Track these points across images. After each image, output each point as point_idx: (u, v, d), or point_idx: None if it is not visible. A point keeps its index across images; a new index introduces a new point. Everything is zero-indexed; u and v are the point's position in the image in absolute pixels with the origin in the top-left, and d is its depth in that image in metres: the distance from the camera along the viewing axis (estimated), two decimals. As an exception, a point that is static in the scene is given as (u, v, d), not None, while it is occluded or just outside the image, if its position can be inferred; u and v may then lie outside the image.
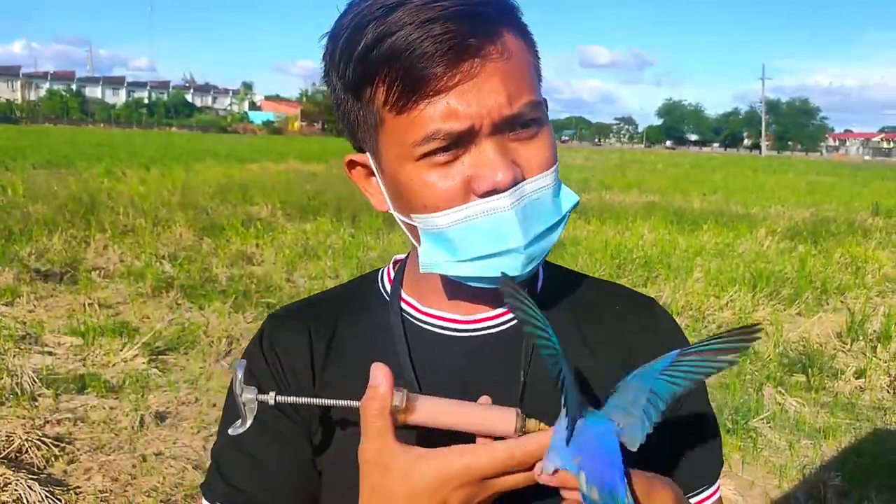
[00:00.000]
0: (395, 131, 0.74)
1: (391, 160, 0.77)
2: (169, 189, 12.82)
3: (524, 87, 0.74)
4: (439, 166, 0.74)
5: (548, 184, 0.77)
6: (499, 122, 0.73)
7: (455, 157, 0.73)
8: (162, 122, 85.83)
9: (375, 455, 0.69)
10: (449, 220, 0.75)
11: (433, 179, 0.74)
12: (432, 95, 0.71)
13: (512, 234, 0.74)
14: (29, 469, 3.31)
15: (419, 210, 0.77)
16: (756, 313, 6.37)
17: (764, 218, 12.85)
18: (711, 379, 4.73)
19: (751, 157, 72.84)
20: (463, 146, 0.73)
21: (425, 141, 0.72)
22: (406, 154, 0.74)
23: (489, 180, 0.72)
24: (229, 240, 8.56)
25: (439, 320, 0.87)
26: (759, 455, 3.89)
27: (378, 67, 0.72)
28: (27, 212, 9.60)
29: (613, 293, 0.95)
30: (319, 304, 0.94)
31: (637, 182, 20.99)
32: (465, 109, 0.71)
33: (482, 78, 0.72)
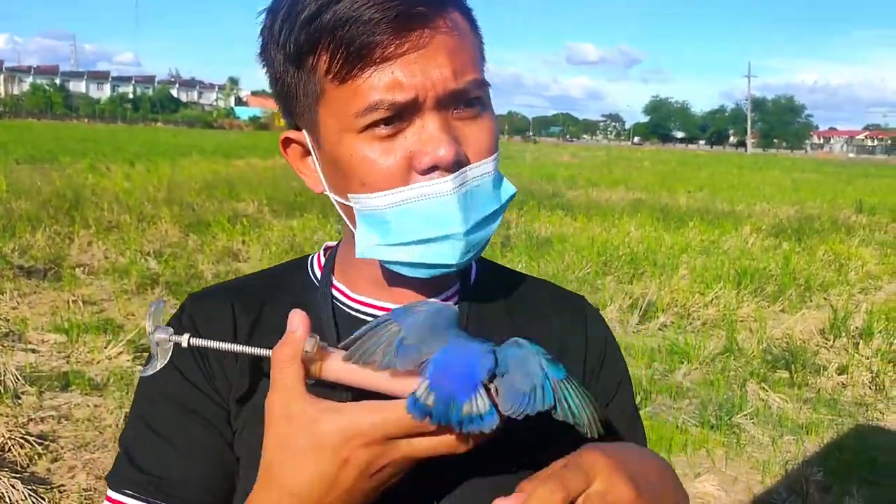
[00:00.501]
0: (336, 102, 0.72)
1: (331, 134, 0.74)
2: (154, 185, 12.73)
3: (470, 65, 0.73)
4: (381, 140, 0.71)
5: (490, 170, 0.75)
6: (443, 96, 0.71)
7: (397, 131, 0.71)
8: (147, 118, 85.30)
9: (282, 405, 0.65)
10: (387, 201, 0.73)
11: (374, 155, 0.72)
12: (378, 63, 0.69)
13: (452, 220, 0.72)
14: (12, 467, 3.28)
15: (356, 188, 0.74)
16: (740, 310, 6.42)
17: (749, 215, 12.93)
18: (696, 374, 4.75)
19: (736, 155, 73.25)
20: (406, 119, 0.71)
21: (367, 111, 0.70)
22: (347, 126, 0.72)
23: (431, 155, 0.70)
24: (215, 236, 8.52)
25: (371, 308, 0.84)
26: (742, 451, 3.92)
27: (321, 35, 0.70)
28: (10, 208, 9.51)
29: (546, 290, 0.93)
30: (245, 286, 0.89)
31: (624, 179, 21.06)
32: (410, 80, 0.69)
33: (430, 49, 0.70)
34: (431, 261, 0.74)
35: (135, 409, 0.81)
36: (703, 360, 5.12)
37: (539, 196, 14.14)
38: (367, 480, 0.64)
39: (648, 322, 6.00)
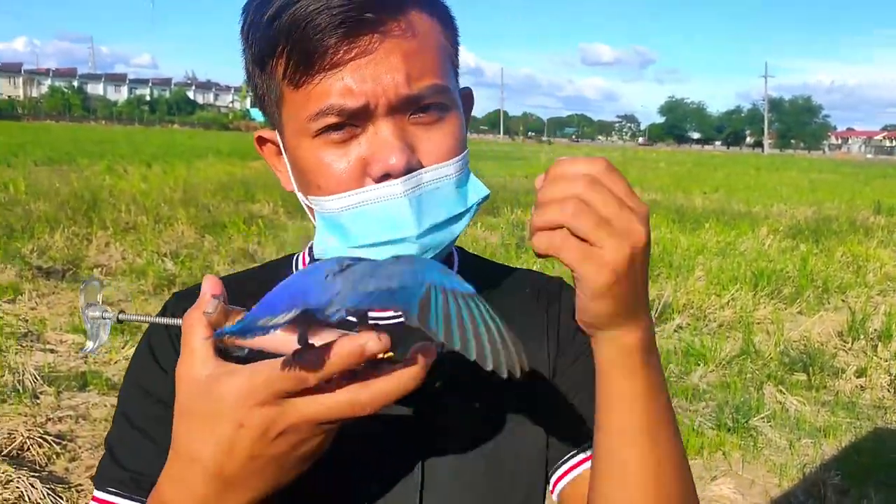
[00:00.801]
0: (293, 106, 0.73)
1: (291, 137, 0.75)
2: (171, 186, 12.82)
3: (428, 69, 0.72)
4: (335, 145, 0.72)
5: (449, 173, 0.74)
6: (395, 103, 0.70)
7: (351, 136, 0.72)
8: (164, 120, 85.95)
9: (186, 369, 0.61)
10: (340, 204, 0.73)
11: (328, 159, 0.72)
12: (327, 69, 0.69)
13: (404, 223, 0.72)
14: (30, 466, 3.32)
15: (314, 191, 0.75)
16: (757, 312, 6.37)
17: (766, 216, 12.84)
18: (712, 377, 4.71)
19: (753, 156, 72.73)
20: (360, 125, 0.71)
21: (318, 116, 0.70)
22: (302, 130, 0.73)
23: (382, 163, 0.70)
24: (231, 237, 8.56)
25: None
26: (759, 454, 3.89)
27: (279, 39, 0.70)
28: (29, 209, 9.61)
29: (526, 278, 0.92)
30: (228, 285, 0.88)
31: (639, 180, 20.98)
32: (360, 86, 0.69)
33: (380, 54, 0.69)
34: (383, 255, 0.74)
35: (118, 407, 0.81)
36: (719, 363, 5.09)
37: (554, 197, 14.07)
38: (269, 445, 0.59)
39: (664, 324, 5.97)
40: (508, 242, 9.04)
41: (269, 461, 0.60)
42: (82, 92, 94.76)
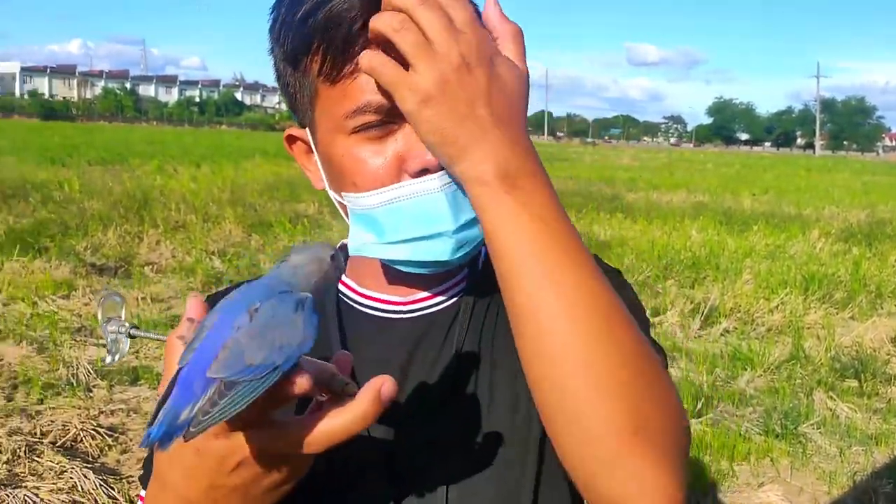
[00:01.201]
0: (328, 103, 0.73)
1: (324, 134, 0.76)
2: (219, 186, 13.05)
3: None
4: (371, 142, 0.72)
5: None
6: None
7: (388, 133, 0.72)
8: (212, 121, 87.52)
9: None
10: (377, 200, 0.73)
11: (364, 156, 0.73)
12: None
13: (442, 218, 0.72)
14: (84, 458, 3.42)
15: (349, 188, 0.75)
16: (807, 317, 6.24)
17: (817, 219, 12.55)
18: (760, 382, 4.63)
19: (804, 157, 71.13)
20: (396, 122, 0.71)
21: (356, 113, 0.71)
22: (338, 127, 0.73)
23: (419, 158, 0.70)
24: (277, 236, 8.69)
25: (377, 302, 0.86)
26: (808, 461, 3.81)
27: (314, 35, 0.71)
28: (83, 207, 9.88)
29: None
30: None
31: (685, 182, 20.68)
32: None
33: None
34: (424, 258, 0.74)
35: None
36: (767, 367, 5.00)
37: (598, 199, 14.00)
38: (228, 476, 0.59)
39: (710, 327, 5.88)
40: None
41: (231, 491, 0.60)
42: (134, 93, 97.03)
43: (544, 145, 63.26)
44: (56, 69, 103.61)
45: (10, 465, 3.24)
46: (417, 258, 0.74)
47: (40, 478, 3.18)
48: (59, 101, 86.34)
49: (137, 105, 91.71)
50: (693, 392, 4.43)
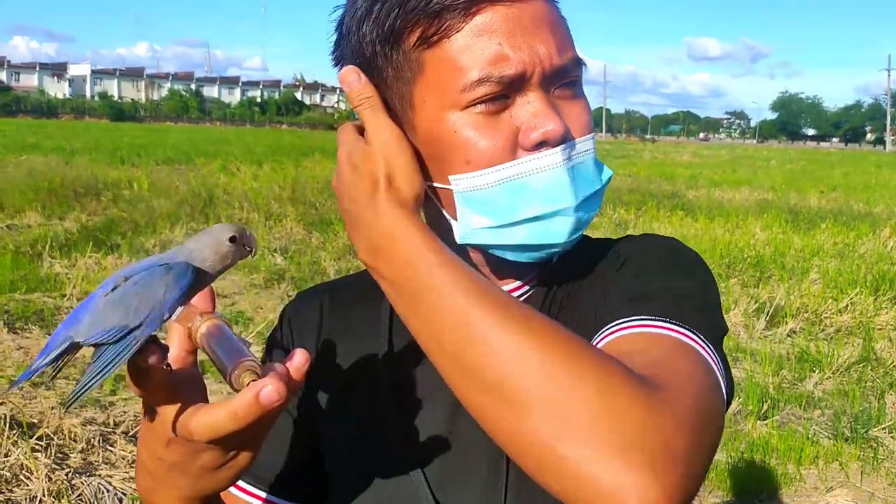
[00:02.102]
0: (437, 78, 0.69)
1: (430, 114, 0.71)
2: (280, 184, 13.29)
3: (568, 42, 0.72)
4: (487, 115, 0.69)
5: (591, 147, 0.73)
6: (549, 72, 0.69)
7: (503, 108, 0.69)
8: (273, 120, 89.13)
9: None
10: (496, 177, 0.70)
11: (480, 130, 0.69)
12: (480, 34, 0.68)
13: (564, 194, 0.70)
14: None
15: (460, 168, 0.70)
16: (878, 317, 6.02)
17: (888, 217, 12.10)
18: (828, 384, 4.50)
19: (874, 153, 68.62)
20: (511, 95, 0.69)
21: (475, 85, 0.68)
22: (450, 102, 0.69)
23: (541, 129, 0.68)
24: (337, 234, 8.80)
25: None
26: (879, 465, 3.69)
27: (421, 5, 0.68)
28: (151, 206, 10.19)
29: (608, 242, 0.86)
30: (343, 286, 0.93)
31: (748, 179, 20.18)
32: (517, 53, 0.68)
33: (534, 22, 0.69)
34: (541, 241, 0.71)
35: None
36: (836, 369, 4.85)
37: (658, 196, 13.77)
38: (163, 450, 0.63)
39: (776, 328, 5.74)
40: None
41: (171, 466, 0.63)
42: (199, 94, 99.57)
43: (602, 143, 62.53)
44: (125, 71, 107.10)
45: (84, 454, 3.37)
46: (534, 241, 0.71)
47: (113, 466, 3.30)
48: (128, 102, 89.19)
49: (202, 106, 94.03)
50: (758, 394, 4.33)
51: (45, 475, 3.05)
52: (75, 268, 6.62)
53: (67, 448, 3.41)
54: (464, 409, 0.59)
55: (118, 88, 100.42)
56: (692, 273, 0.77)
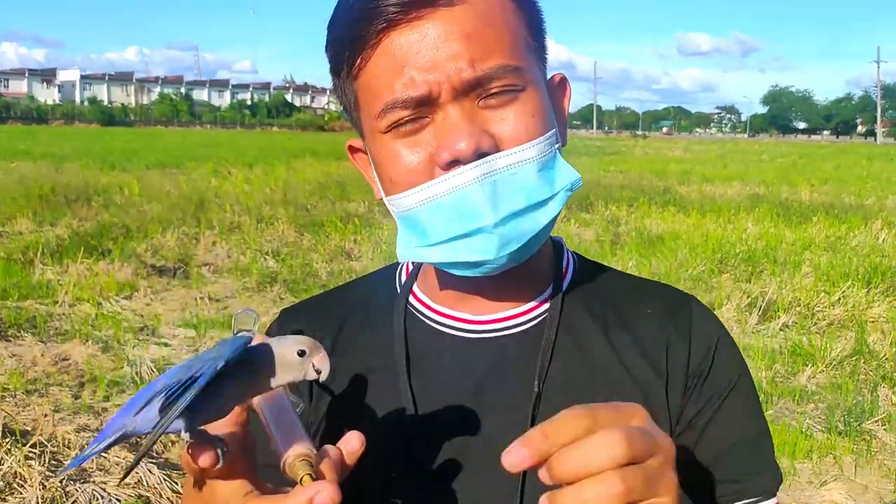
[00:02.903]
0: (365, 105, 0.72)
1: (368, 138, 0.75)
2: (271, 187, 13.27)
3: (493, 50, 0.68)
4: (404, 137, 0.70)
5: (530, 156, 0.69)
6: (459, 87, 0.67)
7: (420, 128, 0.69)
8: (264, 123, 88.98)
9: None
10: (415, 199, 0.70)
11: (398, 152, 0.71)
12: (389, 58, 0.69)
13: (479, 212, 0.68)
14: (148, 454, 3.52)
15: (389, 188, 0.73)
16: (871, 310, 6.05)
17: (880, 209, 12.15)
18: (821, 378, 4.51)
19: (865, 145, 68.90)
20: (427, 115, 0.69)
21: (384, 112, 0.69)
22: (375, 128, 0.72)
23: (450, 149, 0.67)
24: (329, 236, 8.80)
25: (450, 319, 0.81)
26: (872, 458, 3.70)
27: (346, 41, 0.71)
28: (143, 210, 10.17)
29: (648, 289, 0.85)
30: (333, 298, 0.91)
31: (740, 174, 20.24)
32: (421, 75, 0.67)
33: (438, 40, 0.67)
34: (469, 258, 0.70)
35: None
36: (829, 363, 4.87)
37: (650, 192, 13.80)
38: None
39: (769, 322, 5.75)
40: (603, 239, 8.92)
41: None
42: (189, 98, 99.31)
43: (593, 139, 62.62)
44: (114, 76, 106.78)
45: (79, 461, 3.36)
46: (462, 258, 0.70)
47: (107, 473, 3.28)
48: (118, 107, 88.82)
49: (192, 109, 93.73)
50: (751, 388, 4.34)
51: (39, 483, 3.03)
52: (67, 274, 6.60)
53: (61, 455, 3.40)
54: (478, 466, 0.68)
55: (108, 93, 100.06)
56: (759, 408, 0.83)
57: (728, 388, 0.79)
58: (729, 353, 0.81)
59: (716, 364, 0.79)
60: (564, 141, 0.77)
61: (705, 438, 0.77)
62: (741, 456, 0.77)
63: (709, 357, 0.79)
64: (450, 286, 0.81)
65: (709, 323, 0.81)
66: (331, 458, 0.58)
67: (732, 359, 0.81)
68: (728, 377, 0.79)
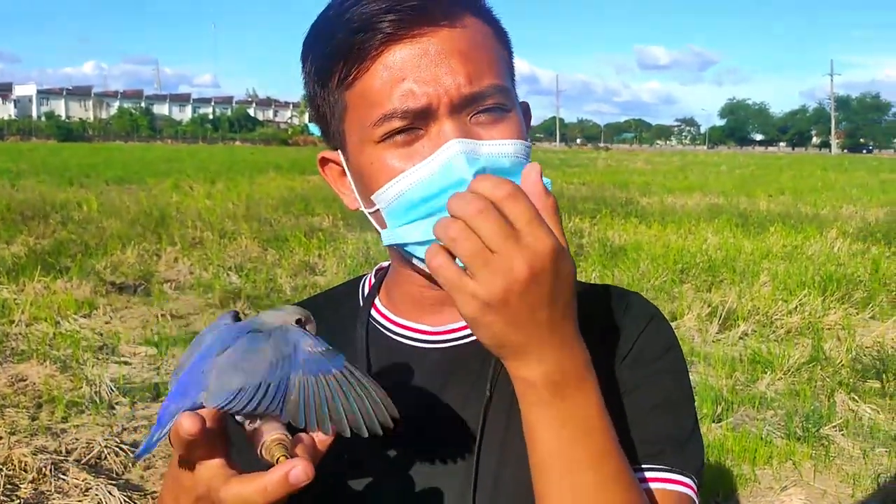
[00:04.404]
0: (356, 114, 0.74)
1: (354, 146, 0.76)
2: (234, 202, 13.15)
3: (487, 70, 0.73)
4: (399, 147, 0.73)
5: (511, 151, 0.73)
6: (457, 102, 0.71)
7: (414, 139, 0.72)
8: (226, 137, 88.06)
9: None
10: (409, 181, 0.72)
11: (392, 162, 0.73)
12: (390, 70, 0.71)
13: (461, 168, 0.70)
14: (108, 475, 3.45)
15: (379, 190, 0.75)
16: (827, 317, 6.19)
17: (835, 219, 12.46)
18: (780, 384, 4.59)
19: (820, 156, 70.60)
20: (422, 127, 0.72)
21: (382, 121, 0.72)
22: (366, 137, 0.74)
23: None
24: (293, 250, 8.74)
25: (409, 331, 0.84)
26: (831, 463, 3.78)
27: (338, 52, 0.73)
28: (102, 227, 10.00)
29: (594, 290, 0.88)
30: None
31: (700, 184, 20.59)
32: (422, 87, 0.71)
33: (439, 56, 0.71)
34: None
35: None
36: (787, 370, 4.96)
37: (612, 204, 13.97)
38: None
39: (728, 331, 5.85)
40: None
41: None
42: (149, 112, 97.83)
43: (556, 152, 63.21)
44: (72, 91, 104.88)
45: (36, 484, 3.28)
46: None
47: (66, 496, 3.22)
48: (76, 122, 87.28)
49: (152, 124, 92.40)
50: (713, 396, 4.41)
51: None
52: (24, 293, 6.45)
53: (17, 479, 3.32)
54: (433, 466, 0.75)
55: (65, 108, 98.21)
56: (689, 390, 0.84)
57: (653, 360, 0.81)
58: (657, 332, 0.83)
59: (642, 339, 0.82)
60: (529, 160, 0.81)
61: (630, 403, 0.79)
62: (659, 419, 0.78)
63: (643, 332, 0.82)
64: (410, 298, 0.84)
65: (642, 310, 0.85)
66: (304, 443, 0.61)
67: (663, 333, 0.84)
68: (654, 353, 0.82)
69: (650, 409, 0.79)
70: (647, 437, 0.77)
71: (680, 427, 0.79)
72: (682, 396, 0.82)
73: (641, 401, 0.79)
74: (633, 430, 0.76)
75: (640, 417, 0.78)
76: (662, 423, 0.78)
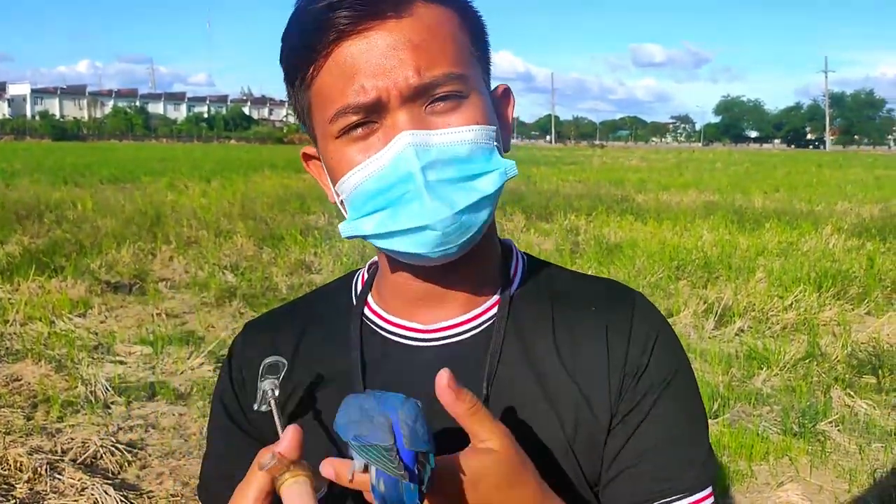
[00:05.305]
0: (317, 112, 0.77)
1: (320, 144, 0.79)
2: (229, 201, 13.12)
3: (439, 59, 0.73)
4: (355, 141, 0.74)
5: (464, 139, 0.73)
6: (407, 93, 0.72)
7: (370, 133, 0.74)
8: (221, 136, 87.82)
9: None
10: (359, 176, 0.74)
11: (351, 156, 0.74)
12: (341, 67, 0.73)
13: (413, 176, 0.71)
14: (104, 474, 3.44)
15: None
16: (822, 314, 6.20)
17: (829, 215, 12.48)
18: (776, 381, 4.60)
19: (815, 153, 70.76)
20: (377, 120, 0.73)
21: (336, 117, 0.73)
22: (327, 133, 0.76)
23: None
24: (288, 249, 8.73)
25: (401, 329, 0.84)
26: (827, 459, 3.79)
27: (299, 49, 0.75)
28: (97, 226, 9.96)
29: (596, 286, 0.87)
30: (294, 310, 0.94)
31: (695, 182, 20.62)
32: (371, 82, 0.71)
33: (388, 49, 0.72)
34: (406, 224, 0.73)
35: (207, 436, 0.95)
36: (783, 366, 4.97)
37: (608, 201, 13.98)
38: None
39: (724, 327, 5.86)
40: (563, 248, 9.00)
41: None
42: (143, 111, 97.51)
43: (551, 149, 63.20)
44: (66, 90, 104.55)
45: (31, 484, 3.27)
46: (398, 224, 0.73)
47: (62, 495, 3.21)
48: (70, 121, 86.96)
49: (147, 123, 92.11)
50: (709, 393, 4.42)
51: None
52: (18, 292, 6.43)
53: (13, 479, 3.31)
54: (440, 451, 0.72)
55: (60, 107, 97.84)
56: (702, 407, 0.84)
57: (662, 385, 0.80)
58: (666, 351, 0.82)
59: (652, 361, 0.80)
60: (507, 147, 0.81)
61: (636, 435, 0.78)
62: (668, 455, 0.78)
63: (646, 354, 0.80)
64: (399, 293, 0.84)
65: (649, 319, 0.83)
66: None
67: (669, 356, 0.82)
68: (663, 375, 0.80)
69: (671, 441, 0.79)
70: (670, 468, 0.78)
71: (697, 447, 0.80)
72: (698, 416, 0.82)
73: (661, 431, 0.79)
74: (657, 459, 0.78)
75: (663, 448, 0.78)
76: (685, 452, 0.79)
